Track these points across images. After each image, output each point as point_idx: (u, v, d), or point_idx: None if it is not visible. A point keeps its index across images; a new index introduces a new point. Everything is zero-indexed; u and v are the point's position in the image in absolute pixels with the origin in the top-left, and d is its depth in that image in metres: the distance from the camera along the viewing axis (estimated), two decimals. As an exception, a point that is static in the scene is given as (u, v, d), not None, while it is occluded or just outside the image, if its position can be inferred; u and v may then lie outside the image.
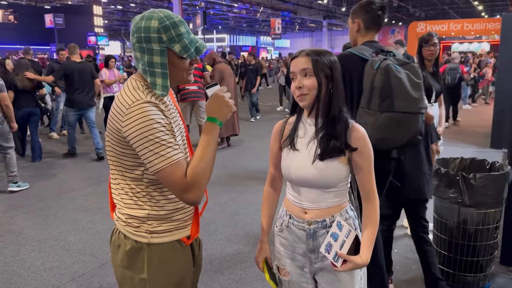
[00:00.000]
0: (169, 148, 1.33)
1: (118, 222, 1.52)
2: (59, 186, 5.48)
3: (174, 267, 1.51)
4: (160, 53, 1.38)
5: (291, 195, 1.68)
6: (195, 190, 1.36)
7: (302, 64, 1.53)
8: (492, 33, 24.24)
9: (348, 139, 1.54)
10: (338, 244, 1.54)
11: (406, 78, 2.12)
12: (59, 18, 23.94)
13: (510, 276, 3.15)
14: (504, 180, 2.87)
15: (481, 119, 10.03)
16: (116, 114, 1.38)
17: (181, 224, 1.51)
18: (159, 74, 1.39)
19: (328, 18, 36.23)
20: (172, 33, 1.37)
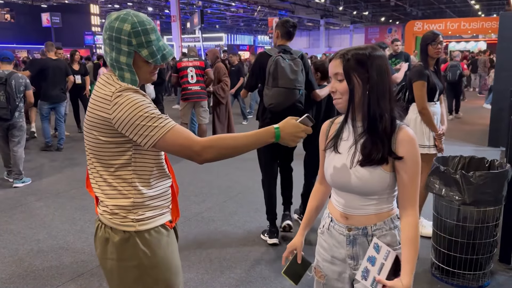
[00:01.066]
0: (160, 119, 1.40)
1: (103, 216, 1.54)
2: (57, 185, 5.46)
3: (163, 251, 1.57)
4: (127, 54, 1.45)
5: (334, 198, 1.63)
6: (206, 148, 1.42)
7: (334, 67, 1.47)
8: (489, 32, 24.34)
9: (393, 143, 1.44)
10: (376, 268, 1.44)
11: (288, 67, 3.40)
12: (56, 17, 23.88)
13: (509, 273, 3.16)
14: (504, 178, 2.88)
15: (479, 118, 10.06)
16: (99, 105, 1.43)
17: (163, 210, 1.58)
18: (126, 70, 1.47)
19: (325, 17, 36.23)
20: (142, 39, 1.44)
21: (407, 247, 1.46)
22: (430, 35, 3.55)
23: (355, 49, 1.46)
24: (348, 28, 44.98)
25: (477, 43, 26.95)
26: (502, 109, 6.77)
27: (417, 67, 3.60)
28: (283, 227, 3.89)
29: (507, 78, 6.61)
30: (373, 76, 1.42)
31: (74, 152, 7.31)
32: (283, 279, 3.11)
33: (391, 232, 1.52)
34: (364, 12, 35.72)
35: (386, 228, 1.52)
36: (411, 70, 3.67)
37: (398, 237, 1.53)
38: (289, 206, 4.04)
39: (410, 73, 3.65)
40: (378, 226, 1.52)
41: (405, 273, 1.44)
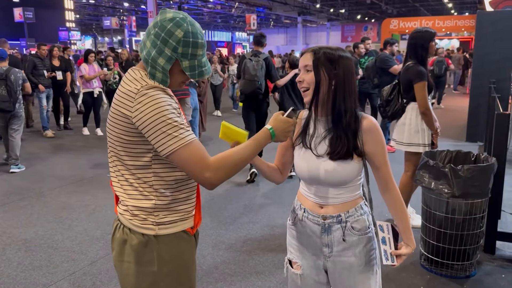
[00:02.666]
0: (181, 129, 1.34)
1: (123, 216, 1.50)
2: (41, 184, 5.35)
3: (182, 257, 1.52)
4: (167, 58, 1.39)
5: (305, 190, 1.69)
6: (217, 172, 1.36)
7: (304, 60, 1.56)
8: (462, 30, 24.95)
9: (359, 132, 1.55)
10: (388, 245, 1.59)
11: (251, 66, 5.05)
12: (29, 12, 23.20)
13: (494, 263, 3.28)
14: (490, 171, 2.98)
15: (457, 114, 10.34)
16: (123, 101, 1.38)
17: (185, 215, 1.52)
18: (159, 71, 1.40)
19: (303, 14, 36.41)
20: (188, 50, 1.39)
21: (400, 217, 1.64)
22: (428, 33, 3.54)
23: (326, 47, 1.55)
24: (325, 25, 45.33)
25: (450, 41, 27.56)
26: (479, 105, 6.98)
27: (416, 67, 3.51)
28: (251, 174, 5.38)
29: (484, 74, 6.81)
30: (339, 74, 1.52)
31: (56, 151, 7.18)
32: (277, 273, 3.15)
33: (362, 218, 1.62)
34: (341, 9, 36.06)
35: (357, 214, 1.63)
36: (412, 69, 3.53)
37: (367, 221, 1.64)
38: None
39: (408, 73, 3.56)
40: (350, 213, 1.62)
41: (407, 238, 1.62)
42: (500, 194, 3.33)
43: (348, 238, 1.61)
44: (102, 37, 47.18)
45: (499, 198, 3.33)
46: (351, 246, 1.61)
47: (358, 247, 1.61)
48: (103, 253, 3.50)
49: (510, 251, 3.44)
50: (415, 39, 3.57)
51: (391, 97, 3.69)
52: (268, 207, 4.49)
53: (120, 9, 36.59)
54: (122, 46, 35.40)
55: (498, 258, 3.35)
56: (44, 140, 7.97)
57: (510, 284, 2.99)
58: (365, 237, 1.62)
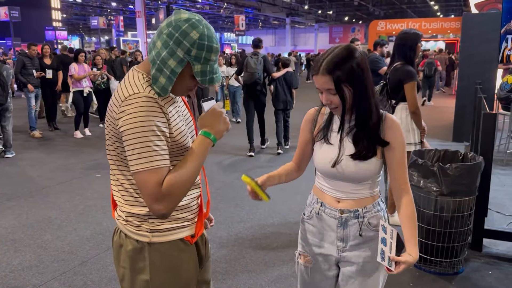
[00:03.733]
0: (153, 151, 1.26)
1: (119, 221, 1.46)
2: (29, 184, 5.30)
3: (178, 268, 1.45)
4: (179, 61, 1.30)
5: (323, 184, 1.69)
6: (167, 201, 1.28)
7: (324, 84, 1.50)
8: (448, 32, 25.27)
9: (381, 131, 1.56)
10: (388, 248, 1.55)
11: (252, 62, 6.43)
12: (14, 11, 22.84)
13: (481, 260, 3.34)
14: (477, 170, 3.04)
15: (443, 114, 10.47)
16: (113, 105, 1.33)
17: (185, 222, 1.46)
18: (165, 74, 1.31)
19: (291, 15, 36.56)
20: (202, 54, 1.31)
21: (409, 223, 1.59)
22: (416, 34, 3.58)
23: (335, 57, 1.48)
24: (313, 27, 45.57)
25: (436, 43, 27.90)
26: (465, 105, 7.08)
27: (405, 67, 3.56)
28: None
29: (470, 75, 6.91)
30: (356, 79, 1.49)
31: (45, 151, 7.11)
32: (268, 271, 3.17)
33: (378, 214, 1.64)
34: (329, 11, 36.28)
35: (374, 211, 1.64)
36: (402, 70, 3.57)
37: (383, 218, 1.65)
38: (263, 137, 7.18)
39: (398, 74, 3.59)
40: (368, 209, 1.63)
41: (411, 247, 1.55)
42: (487, 192, 3.39)
43: (364, 233, 1.62)
44: (89, 37, 46.74)
45: (486, 196, 3.40)
46: (366, 241, 1.63)
47: (372, 242, 1.62)
48: (94, 253, 3.48)
49: (497, 248, 3.51)
50: (404, 40, 3.60)
51: (381, 98, 3.70)
52: (259, 206, 4.51)
53: (108, 9, 36.31)
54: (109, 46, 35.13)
55: (485, 255, 3.42)
56: (32, 140, 7.89)
57: (496, 280, 3.06)
58: None
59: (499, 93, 5.97)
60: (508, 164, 6.16)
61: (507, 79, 5.78)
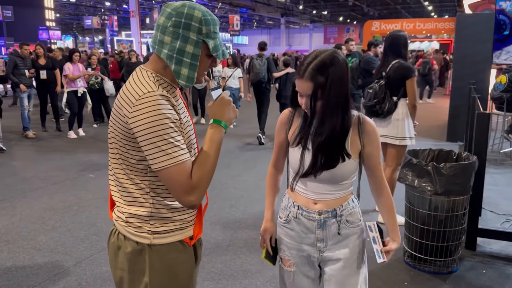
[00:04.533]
0: (176, 147, 1.28)
1: (118, 222, 1.45)
2: (23, 184, 5.26)
3: (177, 269, 1.45)
4: (195, 43, 1.32)
5: (299, 186, 1.69)
6: (198, 192, 1.32)
7: (307, 89, 1.51)
8: (442, 32, 25.38)
9: (360, 133, 1.60)
10: (378, 244, 1.65)
11: (257, 63, 7.39)
12: (7, 11, 22.70)
13: (475, 259, 3.36)
14: (471, 169, 3.06)
15: (437, 114, 10.52)
16: (123, 104, 1.32)
17: (184, 224, 1.46)
18: (187, 64, 1.33)
19: (286, 15, 36.59)
20: (211, 29, 1.34)
21: (390, 213, 1.70)
22: (405, 34, 3.84)
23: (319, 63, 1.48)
24: (308, 27, 45.64)
25: (431, 43, 28.01)
26: (459, 105, 7.12)
27: (405, 64, 3.77)
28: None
29: (464, 75, 6.95)
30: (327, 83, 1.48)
31: (38, 152, 7.07)
32: (264, 271, 3.17)
33: (354, 211, 1.68)
34: (323, 11, 36.35)
35: (350, 208, 1.67)
36: (403, 66, 3.74)
37: (358, 214, 1.70)
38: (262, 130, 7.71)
39: (400, 70, 3.73)
40: (344, 207, 1.66)
41: (395, 233, 1.68)
42: (481, 191, 3.41)
43: (343, 231, 1.65)
44: (83, 36, 46.53)
45: (480, 195, 3.42)
46: (345, 238, 1.66)
47: (351, 238, 1.66)
48: (88, 253, 3.47)
49: (491, 247, 3.53)
50: (396, 39, 3.82)
51: (383, 95, 3.79)
52: (253, 207, 4.51)
53: (102, 9, 36.18)
54: (103, 46, 34.98)
55: (479, 254, 3.44)
56: (25, 140, 7.84)
57: (490, 279, 3.07)
58: (357, 228, 1.68)
59: (493, 93, 6.01)
60: (502, 163, 6.21)
61: (501, 79, 5.82)
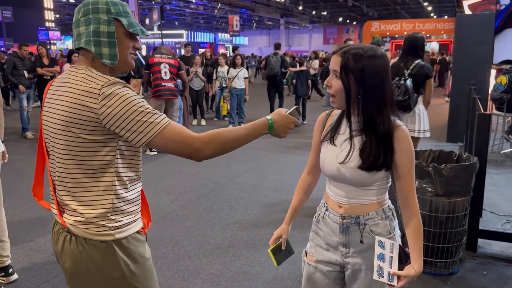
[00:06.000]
0: (156, 114, 1.35)
1: (75, 227, 1.42)
2: (21, 185, 5.25)
3: (143, 258, 1.51)
4: (107, 22, 1.39)
5: (329, 188, 1.69)
6: (206, 144, 1.37)
7: (334, 64, 1.49)
8: (441, 33, 25.41)
9: (392, 147, 1.50)
10: (387, 263, 1.52)
11: (272, 60, 9.21)
12: (7, 12, 22.67)
13: (476, 261, 3.35)
14: (472, 170, 3.05)
15: (437, 115, 10.51)
16: (82, 99, 1.32)
17: (136, 216, 1.52)
18: (105, 43, 1.39)
19: (285, 16, 36.58)
20: (119, 8, 1.42)
21: (413, 235, 1.55)
22: (423, 37, 4.15)
23: (357, 47, 1.47)
24: (307, 27, 45.64)
25: (430, 44, 28.04)
26: (459, 106, 7.11)
27: (427, 64, 4.13)
28: None
29: (464, 76, 6.94)
30: (365, 78, 1.45)
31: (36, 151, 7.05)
32: (264, 273, 3.16)
33: (383, 222, 1.58)
34: (323, 12, 36.33)
35: (378, 218, 1.58)
36: (426, 67, 4.09)
37: (389, 226, 1.59)
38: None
39: (424, 70, 4.07)
40: (370, 216, 1.58)
41: (415, 259, 1.53)
42: (482, 192, 3.40)
43: (366, 241, 1.58)
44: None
45: (481, 196, 3.40)
46: (369, 248, 1.58)
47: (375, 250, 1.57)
48: (87, 255, 3.45)
49: (491, 249, 3.52)
50: (415, 41, 4.10)
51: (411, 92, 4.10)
52: (253, 207, 4.49)
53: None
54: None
55: (480, 255, 3.42)
56: (24, 141, 7.83)
57: (491, 281, 3.06)
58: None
59: (493, 94, 6.00)
60: (502, 164, 6.20)
61: (501, 80, 5.81)
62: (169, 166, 5.87)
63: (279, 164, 6.21)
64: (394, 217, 1.63)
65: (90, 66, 1.42)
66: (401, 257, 1.53)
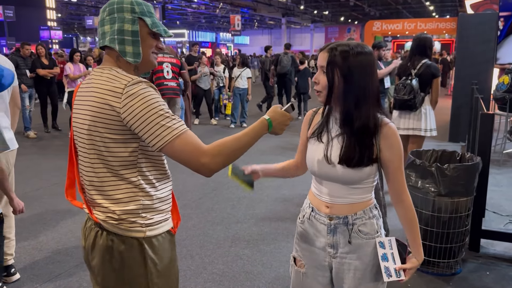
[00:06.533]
0: (173, 120, 1.35)
1: (106, 222, 1.44)
2: (24, 185, 5.25)
3: (170, 258, 1.52)
4: (131, 21, 1.41)
5: (314, 187, 1.67)
6: (214, 158, 1.35)
7: (321, 60, 1.51)
8: (443, 32, 25.35)
9: (377, 136, 1.51)
10: (391, 261, 1.54)
11: (284, 59, 9.79)
12: (9, 11, 22.73)
13: (479, 261, 3.34)
14: (475, 170, 3.04)
15: (439, 115, 10.50)
16: (107, 99, 1.34)
17: (167, 215, 1.53)
18: (129, 41, 1.41)
19: (287, 15, 36.52)
20: (144, 8, 1.44)
21: (410, 227, 1.60)
22: (431, 37, 4.21)
23: (344, 44, 1.49)
24: (309, 27, 45.59)
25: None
26: (461, 105, 7.10)
27: (434, 64, 4.25)
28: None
29: (466, 76, 6.93)
30: (354, 74, 1.45)
31: (39, 152, 7.06)
32: (266, 273, 3.16)
33: (370, 221, 1.58)
34: (324, 11, 36.31)
35: (365, 217, 1.58)
36: (433, 66, 4.21)
37: (376, 225, 1.59)
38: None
39: (431, 69, 4.19)
40: (358, 215, 1.57)
41: (415, 250, 1.59)
42: (485, 192, 3.39)
43: (354, 241, 1.57)
44: (84, 36, 46.56)
45: (484, 196, 3.40)
46: (357, 248, 1.57)
47: (364, 250, 1.57)
48: (89, 254, 3.45)
49: (494, 249, 3.51)
50: (423, 41, 4.21)
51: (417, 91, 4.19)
52: (256, 207, 4.49)
53: (103, 9, 36.12)
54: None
55: (482, 255, 3.41)
56: (26, 140, 7.83)
57: (494, 281, 3.05)
58: (372, 241, 1.58)
59: (495, 93, 5.98)
60: (504, 164, 6.18)
61: (503, 80, 5.79)
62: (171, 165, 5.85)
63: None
64: (380, 215, 1.64)
65: (115, 65, 1.44)
66: (399, 250, 1.56)
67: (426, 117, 4.31)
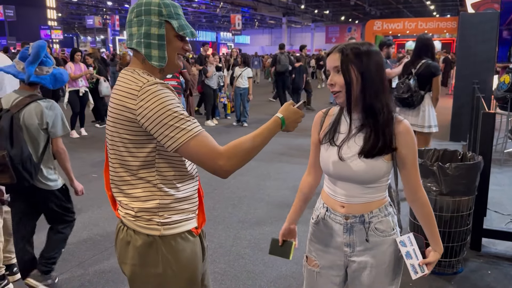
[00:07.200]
0: (188, 121, 1.34)
1: (126, 219, 1.48)
2: (24, 184, 5.25)
3: (188, 258, 1.49)
4: (158, 25, 1.41)
5: (328, 187, 1.67)
6: (229, 160, 1.35)
7: (333, 61, 1.52)
8: (444, 31, 25.35)
9: (392, 134, 1.52)
10: (414, 258, 1.57)
11: (282, 58, 10.26)
12: (9, 10, 22.75)
13: (480, 260, 3.34)
14: (477, 170, 3.04)
15: (440, 114, 10.49)
16: (124, 100, 1.37)
17: (190, 214, 1.51)
18: (155, 45, 1.41)
19: (287, 15, 36.53)
20: (171, 10, 1.43)
21: (428, 222, 1.64)
22: (431, 37, 4.32)
23: (353, 44, 1.52)
24: (310, 26, 45.60)
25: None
26: (463, 105, 7.09)
27: (435, 63, 4.36)
28: None
29: (468, 75, 6.92)
30: (370, 69, 1.49)
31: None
32: (267, 272, 3.16)
33: (386, 219, 1.60)
34: (325, 11, 36.31)
35: (381, 215, 1.59)
36: (433, 65, 4.32)
37: (392, 223, 1.61)
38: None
39: (431, 68, 4.30)
40: (374, 213, 1.59)
41: (435, 243, 1.64)
42: (486, 192, 3.39)
43: (371, 239, 1.59)
44: (85, 36, 46.60)
45: (485, 196, 3.39)
46: (374, 246, 1.59)
47: (381, 248, 1.59)
48: (90, 254, 3.45)
49: (495, 248, 3.51)
50: (427, 41, 4.39)
51: (415, 89, 4.30)
52: (257, 206, 4.49)
53: (103, 8, 36.21)
54: (105, 45, 35.01)
55: (484, 254, 3.41)
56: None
57: (496, 280, 3.05)
58: (389, 238, 1.60)
59: (496, 92, 5.98)
60: (505, 163, 6.18)
61: (504, 79, 5.79)
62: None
63: (282, 164, 6.21)
64: (395, 213, 1.65)
65: (140, 67, 1.45)
66: (419, 244, 1.59)
67: (425, 114, 4.40)
